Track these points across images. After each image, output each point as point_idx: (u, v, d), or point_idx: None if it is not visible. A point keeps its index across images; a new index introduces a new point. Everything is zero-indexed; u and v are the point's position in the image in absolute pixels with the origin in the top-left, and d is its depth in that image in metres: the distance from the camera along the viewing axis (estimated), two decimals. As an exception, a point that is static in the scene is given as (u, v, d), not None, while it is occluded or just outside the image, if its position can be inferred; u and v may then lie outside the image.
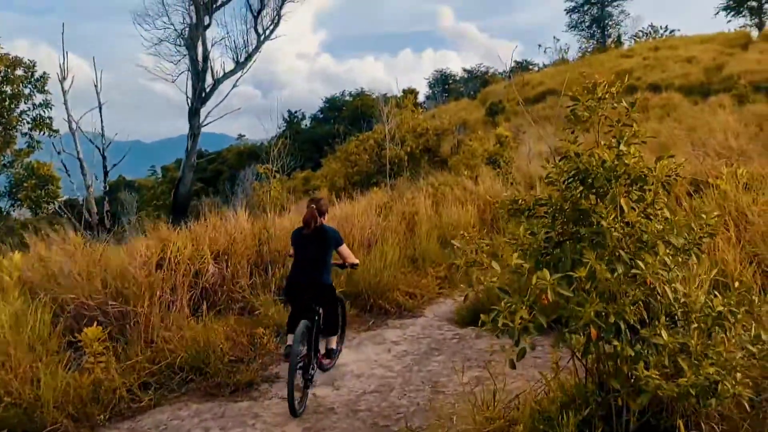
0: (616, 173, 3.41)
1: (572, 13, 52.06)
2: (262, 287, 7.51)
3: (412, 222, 10.76)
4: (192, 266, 6.91)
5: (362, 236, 9.38)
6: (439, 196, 12.50)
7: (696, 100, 27.03)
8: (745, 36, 38.88)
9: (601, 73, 15.12)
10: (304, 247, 5.62)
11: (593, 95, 3.68)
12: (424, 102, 61.73)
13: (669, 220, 3.44)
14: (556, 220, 3.77)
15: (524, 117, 30.81)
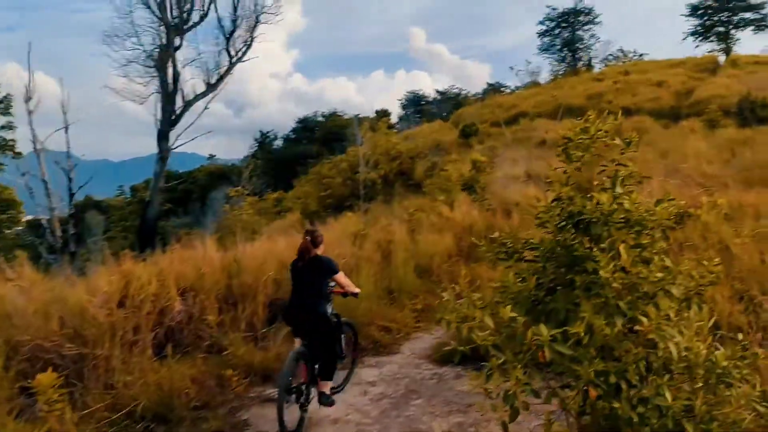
0: (613, 218, 3.18)
1: (544, 37, 52.63)
2: (232, 324, 7.13)
3: (387, 250, 10.46)
4: (157, 303, 6.52)
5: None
6: (414, 223, 12.25)
7: (667, 123, 27.35)
8: (714, 61, 39.67)
9: (573, 96, 15.21)
10: (300, 277, 5.75)
11: (586, 133, 3.44)
12: (397, 123, 61.83)
13: (669, 269, 3.21)
14: (547, 265, 3.52)
15: (498, 139, 30.93)
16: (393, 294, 9.19)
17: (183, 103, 18.53)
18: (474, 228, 11.92)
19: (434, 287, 9.87)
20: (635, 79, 36.57)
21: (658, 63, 42.66)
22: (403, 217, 12.81)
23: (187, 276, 7.21)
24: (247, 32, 19.51)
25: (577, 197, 3.35)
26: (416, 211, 13.45)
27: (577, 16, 51.44)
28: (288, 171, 51.20)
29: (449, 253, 10.91)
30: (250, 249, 8.97)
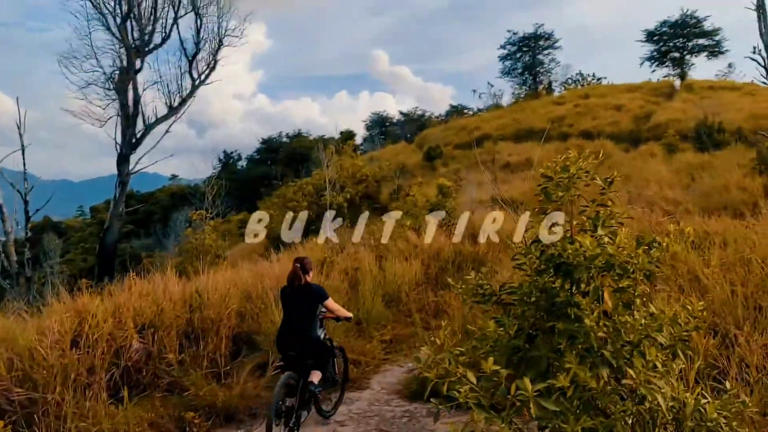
0: (596, 264, 3.05)
1: (505, 60, 53.48)
2: (193, 362, 6.81)
3: (354, 278, 10.26)
4: (113, 342, 6.19)
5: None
6: (382, 249, 12.07)
7: (627, 147, 27.84)
8: (670, 85, 40.69)
9: (535, 120, 15.27)
10: (290, 304, 5.95)
11: (566, 172, 3.31)
12: (361, 144, 61.89)
13: (654, 315, 3.09)
14: (527, 311, 3.37)
15: (462, 161, 31.07)
16: (361, 324, 8.95)
17: (144, 126, 18.12)
18: (442, 254, 11.81)
19: (403, 317, 9.72)
20: (595, 102, 37.28)
21: (616, 87, 43.65)
22: (370, 243, 12.62)
23: (146, 312, 6.87)
24: (211, 55, 19.23)
25: (559, 240, 3.22)
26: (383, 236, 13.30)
27: (537, 41, 52.50)
28: (252, 192, 50.74)
29: (417, 281, 10.74)
30: (212, 279, 8.63)
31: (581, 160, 3.28)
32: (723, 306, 5.85)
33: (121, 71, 18.01)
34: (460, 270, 11.35)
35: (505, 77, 54.30)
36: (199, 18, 19.08)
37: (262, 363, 7.21)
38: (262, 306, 8.08)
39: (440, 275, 11.12)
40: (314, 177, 22.11)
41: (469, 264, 11.45)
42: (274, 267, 10.14)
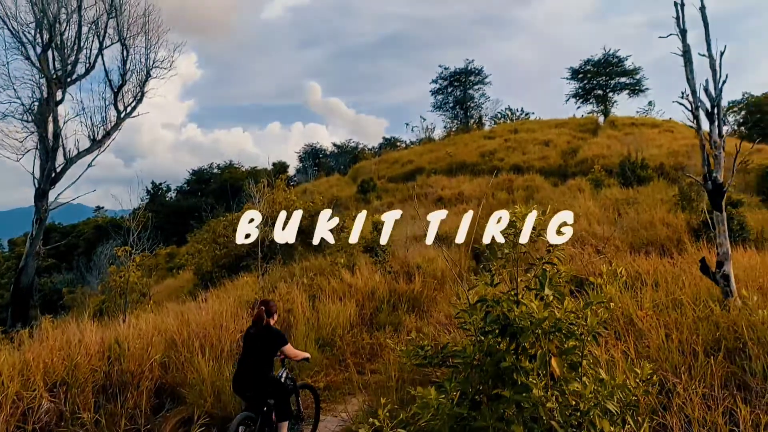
0: (544, 327, 2.90)
1: (437, 95, 54.47)
2: (110, 420, 6.30)
3: (287, 322, 9.90)
4: (20, 404, 5.65)
5: (232, 343, 8.36)
6: (315, 289, 11.75)
7: (556, 181, 28.51)
8: (594, 121, 42.18)
9: (467, 154, 15.27)
10: (251, 345, 6.05)
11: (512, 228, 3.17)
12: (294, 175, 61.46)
13: (603, 381, 2.95)
14: (471, 375, 3.18)
15: (395, 194, 31.10)
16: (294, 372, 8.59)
17: (65, 160, 17.25)
18: (376, 294, 11.58)
19: (337, 361, 9.40)
20: (524, 137, 38.19)
21: (543, 122, 44.99)
22: (304, 283, 12.28)
23: (58, 367, 6.34)
24: (137, 87, 18.59)
25: (505, 301, 3.06)
26: (316, 275, 12.98)
27: (468, 76, 53.72)
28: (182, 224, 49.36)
29: (352, 322, 10.46)
30: (134, 325, 8.14)
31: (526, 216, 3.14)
32: (659, 352, 5.83)
33: (40, 102, 17.16)
34: (395, 310, 11.17)
35: (437, 111, 55.32)
36: (125, 49, 18.46)
37: (187, 418, 6.76)
38: (188, 355, 7.63)
39: (375, 316, 10.90)
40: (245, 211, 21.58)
41: (405, 304, 11.27)
42: (201, 310, 9.63)
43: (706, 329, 6.14)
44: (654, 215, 16.80)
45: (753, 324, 5.95)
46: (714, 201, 7.30)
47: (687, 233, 14.96)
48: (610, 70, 45.98)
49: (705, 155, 7.39)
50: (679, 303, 7.08)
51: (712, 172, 7.29)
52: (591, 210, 18.72)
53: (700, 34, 7.53)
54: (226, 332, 8.46)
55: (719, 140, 7.25)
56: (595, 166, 25.82)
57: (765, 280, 8.49)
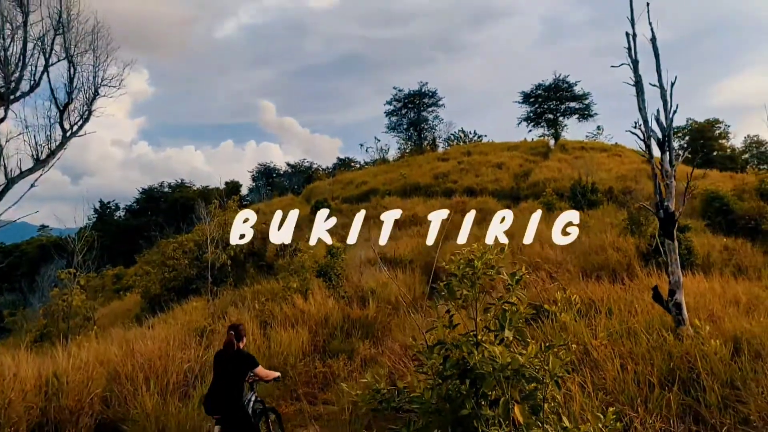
0: (506, 373, 2.78)
1: (391, 116, 54.74)
2: (46, 461, 5.93)
3: (237, 350, 9.58)
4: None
5: (178, 375, 8.02)
6: (267, 315, 11.46)
7: (508, 204, 28.74)
8: (545, 145, 42.89)
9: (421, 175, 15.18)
10: (222, 369, 6.16)
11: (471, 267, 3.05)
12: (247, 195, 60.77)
13: (567, 430, 2.84)
14: (430, 423, 3.03)
15: (349, 215, 30.88)
16: (243, 403, 8.29)
17: (6, 180, 16.48)
18: (330, 320, 11.34)
19: (288, 391, 9.12)
20: (477, 159, 38.53)
21: (496, 145, 45.53)
22: (255, 308, 11.98)
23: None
24: (85, 105, 17.94)
25: (464, 344, 2.93)
26: (268, 300, 12.68)
27: (422, 98, 54.16)
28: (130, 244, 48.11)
29: (304, 350, 10.19)
30: (76, 355, 7.74)
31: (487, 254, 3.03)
32: (615, 383, 5.79)
33: (-20, 120, 16.40)
34: (349, 337, 10.96)
35: (392, 132, 55.50)
36: (72, 66, 17.84)
37: (130, 455, 6.42)
38: (131, 388, 7.28)
39: (328, 343, 10.67)
40: (196, 233, 21.09)
41: (359, 330, 11.08)
42: (147, 339, 9.25)
43: (660, 359, 6.14)
44: (605, 239, 17.02)
45: (706, 354, 5.98)
46: (665, 229, 7.37)
47: (637, 258, 15.19)
48: (561, 94, 46.90)
49: (657, 184, 7.47)
50: (633, 332, 7.09)
51: (663, 200, 7.37)
52: (543, 233, 18.87)
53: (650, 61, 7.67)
54: (173, 363, 8.12)
55: (670, 169, 7.34)
56: (547, 189, 26.16)
57: (714, 308, 8.61)
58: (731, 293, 10.00)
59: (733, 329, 6.96)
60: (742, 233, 18.52)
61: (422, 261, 17.97)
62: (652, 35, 7.66)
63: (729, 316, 7.78)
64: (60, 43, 18.60)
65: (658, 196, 7.47)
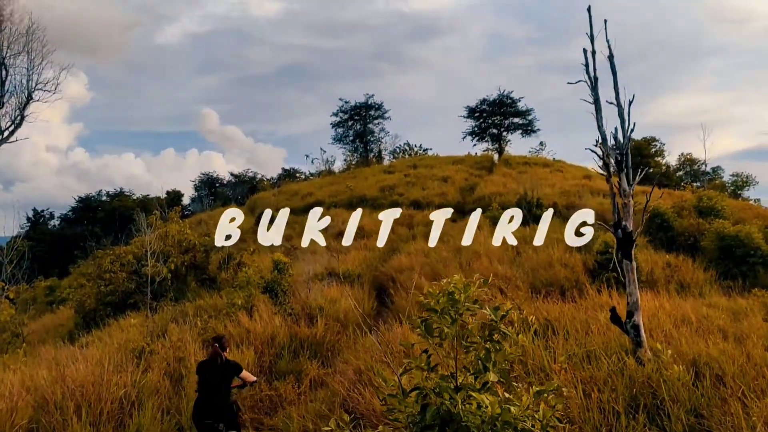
0: (497, 426, 2.48)
1: (337, 127, 54.56)
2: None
3: (178, 373, 9.04)
4: None
5: (113, 402, 7.44)
6: (210, 334, 10.90)
7: (455, 217, 28.76)
8: (490, 159, 43.37)
9: (367, 188, 14.92)
10: (209, 378, 6.55)
11: (451, 301, 2.76)
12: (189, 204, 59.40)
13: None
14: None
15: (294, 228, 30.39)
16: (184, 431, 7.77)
17: (-72, 186, 15.50)
18: (276, 339, 10.88)
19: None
20: (423, 173, 38.61)
21: (441, 158, 45.88)
22: (197, 325, 11.41)
23: None
24: (17, 110, 17.05)
25: (446, 390, 2.62)
26: (211, 317, 12.13)
27: (368, 110, 54.17)
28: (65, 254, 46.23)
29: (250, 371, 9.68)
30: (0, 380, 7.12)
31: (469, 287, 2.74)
32: (579, 411, 5.59)
33: None
34: (297, 357, 10.54)
35: (338, 143, 55.31)
36: (4, 69, 16.94)
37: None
38: (61, 419, 6.70)
39: (275, 364, 10.22)
40: (134, 245, 20.24)
41: (307, 350, 10.67)
42: (79, 361, 8.62)
43: (623, 385, 5.98)
44: (552, 255, 17.10)
45: (668, 379, 5.85)
46: (624, 250, 7.28)
47: (584, 274, 15.29)
48: (504, 110, 47.62)
49: (615, 203, 7.38)
50: (592, 354, 6.94)
51: (621, 220, 7.28)
52: (491, 248, 18.84)
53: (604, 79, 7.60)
54: (108, 389, 7.54)
55: (628, 188, 7.26)
56: (493, 203, 26.26)
57: (667, 328, 8.58)
58: (681, 312, 10.05)
59: (691, 352, 6.89)
60: (682, 249, 18.92)
61: (371, 275, 17.70)
62: (609, 52, 7.60)
63: (684, 337, 7.74)
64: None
65: (616, 216, 7.38)
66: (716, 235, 18.95)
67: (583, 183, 33.25)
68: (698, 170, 55.06)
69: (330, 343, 11.11)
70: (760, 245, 17.88)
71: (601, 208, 25.94)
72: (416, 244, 21.58)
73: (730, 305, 12.60)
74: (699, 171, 54.73)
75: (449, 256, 18.31)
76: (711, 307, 12.39)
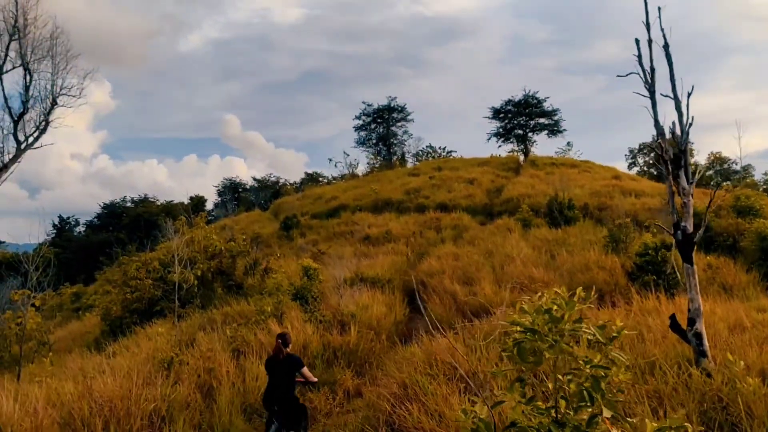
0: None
1: (360, 131, 54.29)
2: None
3: (208, 384, 8.67)
4: None
5: (143, 419, 7.08)
6: (240, 342, 10.55)
7: (483, 220, 28.26)
8: (516, 160, 42.72)
9: (392, 191, 14.41)
10: (274, 372, 7.33)
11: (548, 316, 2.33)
12: (212, 210, 59.49)
13: None
14: None
15: (320, 232, 30.08)
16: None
17: (-46, 194, 15.39)
18: (309, 348, 10.47)
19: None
20: (448, 175, 38.08)
21: (466, 160, 45.26)
22: (226, 333, 11.05)
23: None
24: (42, 115, 16.88)
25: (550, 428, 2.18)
26: (240, 325, 11.77)
27: (391, 113, 53.79)
28: (91, 261, 46.45)
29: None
30: (24, 397, 6.79)
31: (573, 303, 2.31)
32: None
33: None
34: (330, 366, 10.13)
35: (361, 147, 55.06)
36: (28, 74, 16.78)
37: None
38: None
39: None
40: (160, 251, 20.02)
41: (340, 359, 10.25)
42: (107, 373, 8.28)
43: (692, 400, 5.47)
44: (588, 258, 16.53)
45: (744, 396, 5.33)
46: (684, 252, 6.76)
47: (623, 276, 14.71)
48: (530, 110, 46.96)
49: (673, 203, 6.86)
50: (652, 366, 6.44)
51: (681, 221, 6.76)
52: (524, 252, 18.32)
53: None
54: (137, 404, 7.18)
55: (688, 186, 6.74)
56: (523, 205, 25.69)
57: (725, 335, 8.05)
58: (734, 317, 9.48)
59: (760, 362, 6.36)
60: (722, 250, 18.25)
61: (401, 280, 17.26)
62: (664, 41, 7.10)
63: (747, 346, 7.19)
64: (15, 50, 17.61)
65: (675, 216, 6.86)
66: (757, 235, 18.24)
67: (614, 183, 32.52)
68: (729, 169, 53.87)
69: (363, 352, 10.69)
70: (803, 245, 17.17)
71: (633, 209, 25.39)
72: (445, 247, 21.08)
73: (782, 309, 12.00)
74: (730, 170, 53.55)
75: (481, 259, 17.80)
76: (761, 311, 11.79)
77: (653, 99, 6.89)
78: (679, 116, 6.85)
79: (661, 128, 6.78)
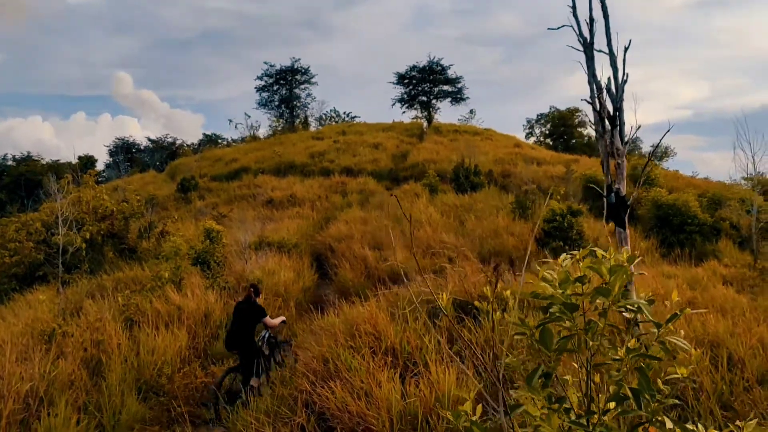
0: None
1: (262, 92, 52.53)
2: None
3: (96, 359, 7.71)
4: None
5: (16, 400, 6.10)
6: (133, 311, 9.57)
7: (389, 185, 27.93)
8: (420, 127, 42.65)
9: (295, 154, 13.66)
10: (240, 315, 7.88)
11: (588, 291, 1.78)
12: (104, 171, 56.04)
13: None
14: None
15: (219, 195, 28.74)
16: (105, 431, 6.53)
17: None
18: (211, 318, 9.64)
19: (165, 411, 7.40)
20: (352, 139, 37.52)
21: (371, 125, 44.83)
22: (118, 301, 10.01)
23: None
24: None
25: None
26: (134, 292, 10.74)
27: (294, 75, 52.31)
28: (-38, 223, 42.64)
29: (183, 357, 8.44)
30: None
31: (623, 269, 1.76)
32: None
33: None
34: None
35: (262, 108, 53.33)
36: None
37: None
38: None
39: (210, 346, 9.02)
40: (44, 212, 18.29)
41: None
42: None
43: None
44: (497, 223, 16.49)
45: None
46: (617, 216, 6.48)
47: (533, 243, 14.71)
48: (434, 77, 46.84)
49: (607, 165, 6.55)
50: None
51: (614, 182, 6.47)
52: (433, 217, 18.08)
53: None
54: (9, 384, 6.17)
55: (622, 147, 6.44)
56: (429, 171, 25.51)
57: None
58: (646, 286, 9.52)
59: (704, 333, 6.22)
60: (620, 217, 18.64)
61: (308, 244, 16.59)
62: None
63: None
64: None
65: (608, 177, 6.56)
66: (653, 203, 18.87)
67: (516, 151, 33.10)
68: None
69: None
70: (696, 214, 17.87)
71: (536, 176, 25.85)
72: (352, 211, 20.53)
73: (684, 274, 12.30)
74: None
75: (390, 224, 17.38)
76: (667, 277, 12.03)
77: (590, 53, 6.51)
78: (614, 72, 6.52)
79: (599, 83, 6.42)
